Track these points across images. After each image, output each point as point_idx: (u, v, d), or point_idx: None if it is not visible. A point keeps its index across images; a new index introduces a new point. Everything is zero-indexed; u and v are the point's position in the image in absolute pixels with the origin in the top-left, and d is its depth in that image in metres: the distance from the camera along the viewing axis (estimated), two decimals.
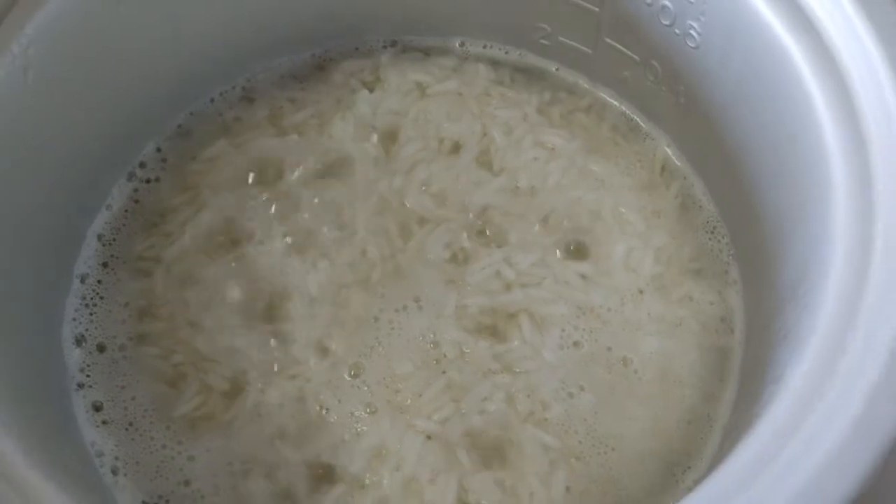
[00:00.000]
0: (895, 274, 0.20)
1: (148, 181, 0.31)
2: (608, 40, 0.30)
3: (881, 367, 0.19)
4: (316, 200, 0.30)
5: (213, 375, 0.27)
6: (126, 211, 0.30)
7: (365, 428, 0.26)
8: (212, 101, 0.32)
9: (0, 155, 0.25)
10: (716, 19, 0.26)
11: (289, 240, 0.29)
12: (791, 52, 0.23)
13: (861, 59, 0.22)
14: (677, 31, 0.27)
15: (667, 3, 0.27)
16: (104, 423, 0.27)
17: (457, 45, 0.33)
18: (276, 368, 0.27)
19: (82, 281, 0.29)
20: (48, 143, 0.27)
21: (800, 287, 0.23)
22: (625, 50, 0.29)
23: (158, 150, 0.31)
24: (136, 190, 0.30)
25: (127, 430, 0.27)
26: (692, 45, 0.27)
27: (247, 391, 0.27)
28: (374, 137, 0.31)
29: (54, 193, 0.28)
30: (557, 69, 0.32)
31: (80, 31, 0.27)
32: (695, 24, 0.26)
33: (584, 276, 0.28)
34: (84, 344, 0.28)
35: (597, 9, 0.29)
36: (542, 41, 0.31)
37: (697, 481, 0.25)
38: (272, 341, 0.28)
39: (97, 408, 0.27)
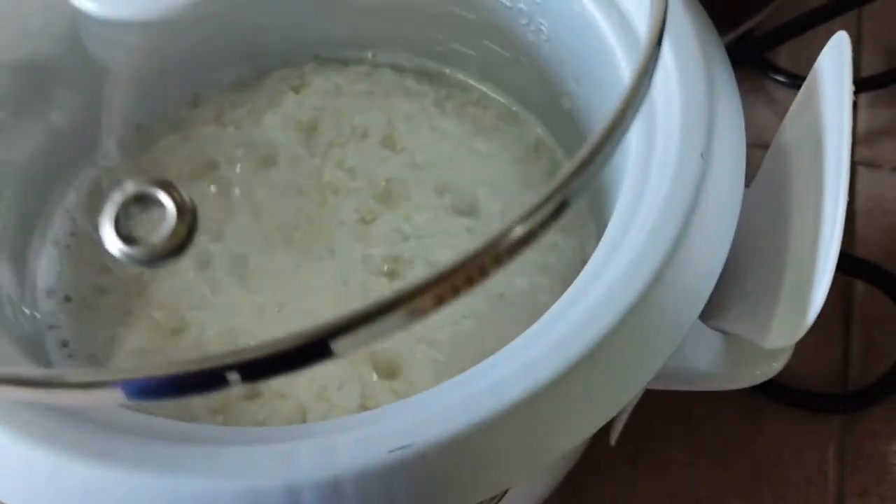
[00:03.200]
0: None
1: (109, 169, 0.37)
2: (486, 42, 0.36)
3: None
4: (249, 176, 0.36)
5: (160, 318, 0.33)
6: (90, 193, 0.36)
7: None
8: (166, 106, 0.39)
9: None
10: (557, 17, 0.32)
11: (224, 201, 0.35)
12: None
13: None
14: (532, 28, 0.34)
15: (522, 5, 0.33)
16: (69, 356, 0.33)
17: (369, 55, 0.39)
18: (213, 310, 0.33)
19: (54, 245, 0.35)
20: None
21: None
22: (499, 49, 0.36)
23: (119, 143, 0.37)
24: (98, 175, 0.37)
25: (89, 360, 0.33)
26: (545, 38, 0.33)
27: (190, 329, 0.33)
28: (298, 127, 0.37)
29: (30, 174, 0.34)
30: (450, 70, 0.39)
31: None
32: (543, 22, 0.33)
33: (468, 229, 0.34)
34: (53, 295, 0.34)
35: (473, 16, 0.35)
36: (438, 48, 0.38)
37: None
38: (207, 288, 0.34)
39: (64, 344, 0.33)
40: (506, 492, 0.28)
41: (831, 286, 0.23)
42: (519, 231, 0.17)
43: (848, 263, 0.45)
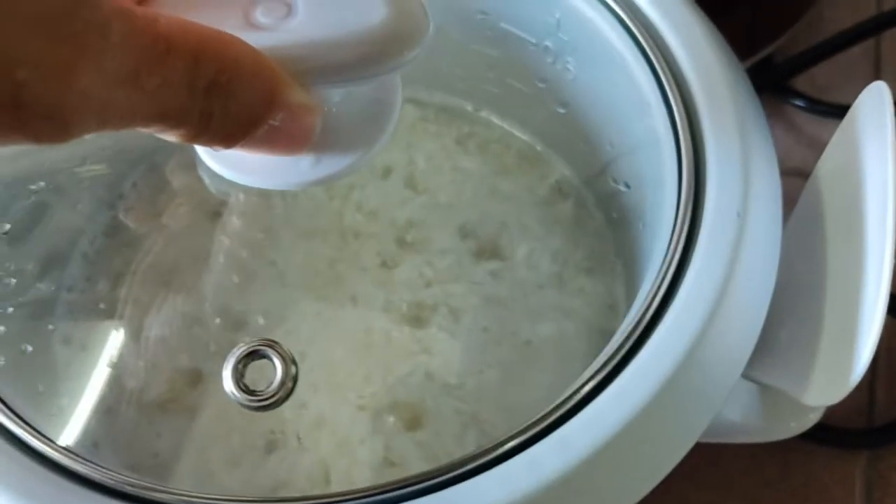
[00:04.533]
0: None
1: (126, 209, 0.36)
2: (509, 80, 0.36)
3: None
4: (272, 220, 0.35)
5: (179, 364, 0.32)
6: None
7: (307, 402, 0.31)
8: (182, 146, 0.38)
9: None
10: (585, 55, 0.32)
11: (244, 253, 0.34)
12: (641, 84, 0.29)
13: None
14: (558, 66, 0.33)
15: (548, 43, 0.33)
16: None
17: None
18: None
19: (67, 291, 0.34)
20: None
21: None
22: (522, 87, 0.35)
23: (134, 184, 0.37)
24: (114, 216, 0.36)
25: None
26: (571, 77, 0.33)
27: (207, 379, 0.32)
28: None
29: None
30: (472, 107, 0.38)
31: None
32: (571, 60, 0.32)
33: (492, 274, 0.34)
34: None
35: (496, 53, 0.35)
36: (459, 84, 0.37)
37: None
38: (225, 335, 0.33)
39: None
40: None
41: None
42: None
43: None
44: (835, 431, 0.43)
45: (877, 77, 0.54)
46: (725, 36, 0.29)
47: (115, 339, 0.33)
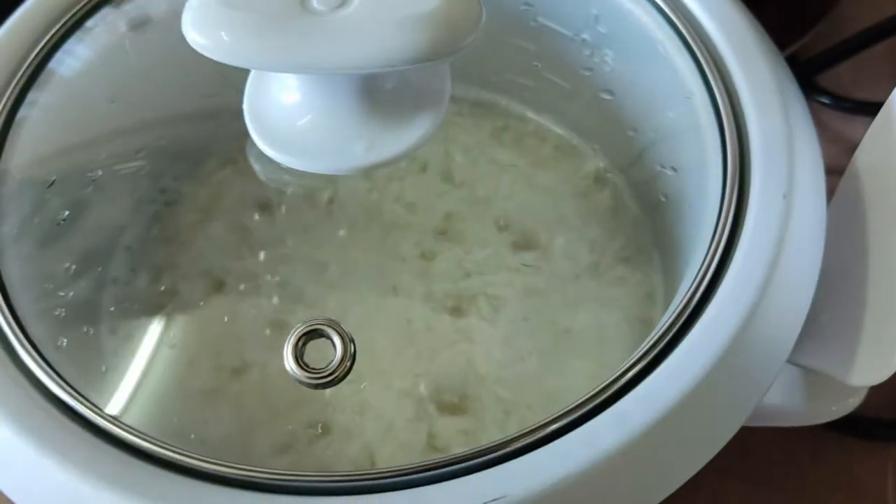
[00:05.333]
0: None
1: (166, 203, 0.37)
2: (545, 73, 0.36)
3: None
4: (314, 212, 0.36)
5: (223, 353, 0.33)
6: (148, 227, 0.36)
7: (351, 389, 0.32)
8: (224, 139, 0.38)
9: None
10: (624, 47, 0.32)
11: (287, 245, 0.35)
12: (682, 72, 0.30)
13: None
14: (596, 59, 0.33)
15: (586, 36, 0.33)
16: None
17: None
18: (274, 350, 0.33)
19: (113, 283, 0.35)
20: None
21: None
22: (559, 81, 0.36)
23: (175, 178, 0.37)
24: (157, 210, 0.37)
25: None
26: (609, 69, 0.33)
27: (251, 370, 0.33)
28: None
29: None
30: (506, 101, 0.38)
31: None
32: (609, 52, 0.33)
33: (530, 265, 0.34)
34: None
35: (533, 47, 0.35)
36: (493, 78, 0.38)
37: None
38: (268, 331, 0.33)
39: None
40: None
41: None
42: None
43: None
44: (867, 423, 0.43)
45: None
46: None
47: (158, 330, 0.33)
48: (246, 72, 0.27)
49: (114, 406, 0.30)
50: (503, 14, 0.35)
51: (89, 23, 0.32)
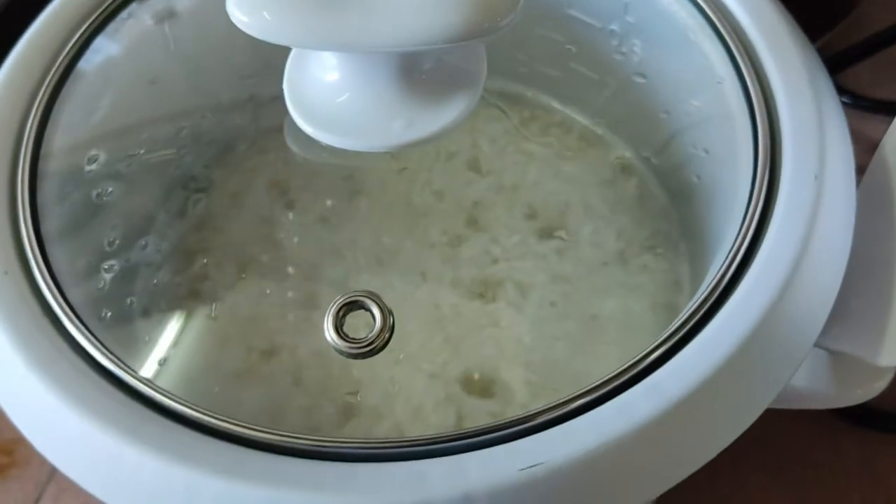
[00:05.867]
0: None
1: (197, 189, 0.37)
2: (572, 64, 0.37)
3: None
4: (343, 197, 0.36)
5: (253, 337, 0.33)
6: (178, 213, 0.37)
7: (381, 372, 0.32)
8: (254, 129, 0.39)
9: None
10: (652, 35, 0.33)
11: (317, 231, 0.35)
12: (712, 59, 0.30)
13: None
14: (624, 49, 0.34)
15: (614, 27, 0.34)
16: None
17: None
18: (305, 335, 0.33)
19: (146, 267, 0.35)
20: None
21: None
22: (585, 71, 0.36)
23: (206, 166, 0.38)
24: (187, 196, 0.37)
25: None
26: (637, 59, 0.34)
27: (281, 352, 0.33)
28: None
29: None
30: (532, 93, 0.39)
31: None
32: (637, 42, 0.33)
33: (558, 251, 0.35)
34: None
35: (560, 38, 0.36)
36: (521, 69, 0.38)
37: None
38: (297, 315, 0.34)
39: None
40: None
41: None
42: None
43: None
44: (887, 417, 0.43)
45: None
46: None
47: (190, 314, 0.34)
48: (285, 54, 0.28)
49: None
50: (531, 4, 0.35)
51: (122, 14, 0.32)
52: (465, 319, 0.33)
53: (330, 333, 0.25)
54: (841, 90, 0.53)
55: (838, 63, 0.51)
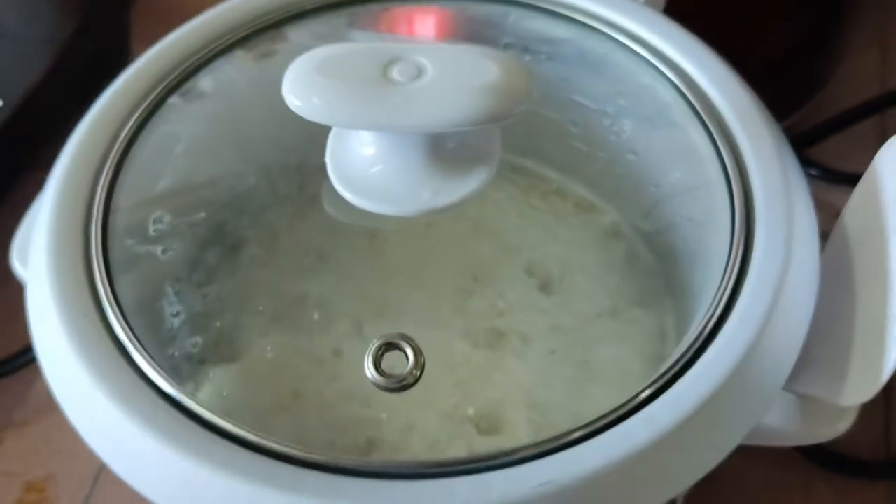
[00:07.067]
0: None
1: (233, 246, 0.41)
2: (570, 141, 0.41)
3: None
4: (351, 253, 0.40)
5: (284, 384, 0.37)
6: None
7: (399, 412, 0.36)
8: None
9: None
10: (641, 119, 0.37)
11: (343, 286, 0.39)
12: (693, 137, 0.35)
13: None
14: (615, 128, 0.38)
15: (608, 108, 0.38)
16: None
17: None
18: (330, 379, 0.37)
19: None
20: None
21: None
22: (580, 146, 0.41)
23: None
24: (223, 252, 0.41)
25: None
26: (626, 137, 0.38)
27: (307, 396, 0.37)
28: None
29: None
30: (531, 163, 0.43)
31: None
32: (627, 122, 0.38)
33: (556, 305, 0.39)
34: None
35: (557, 117, 0.40)
36: (521, 143, 0.43)
37: None
38: (322, 361, 0.38)
39: None
40: None
41: None
42: None
43: None
44: (854, 463, 0.47)
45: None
46: None
47: (222, 356, 0.38)
48: (327, 130, 0.32)
49: None
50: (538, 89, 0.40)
51: (171, 100, 0.37)
52: (475, 366, 0.37)
53: (370, 370, 0.29)
54: (810, 163, 0.57)
55: (808, 139, 0.56)
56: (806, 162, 0.57)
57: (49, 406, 0.30)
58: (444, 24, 0.43)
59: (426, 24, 0.43)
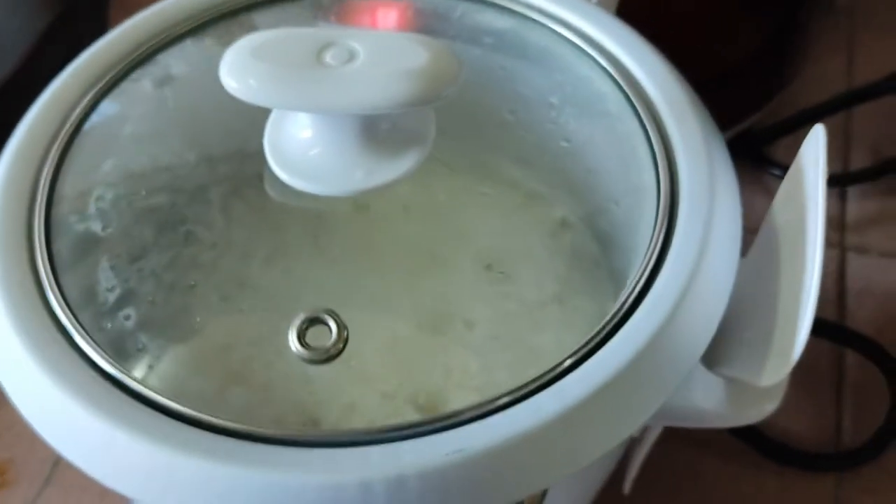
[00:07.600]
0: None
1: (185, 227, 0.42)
2: (518, 131, 0.42)
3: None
4: (310, 237, 0.41)
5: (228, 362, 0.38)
6: None
7: (341, 392, 0.37)
8: None
9: None
10: (581, 108, 0.38)
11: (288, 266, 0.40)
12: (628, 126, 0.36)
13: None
14: (560, 120, 0.39)
15: (552, 100, 0.39)
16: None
17: None
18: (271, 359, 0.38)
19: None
20: None
21: None
22: (528, 136, 0.42)
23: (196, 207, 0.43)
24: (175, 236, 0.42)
25: None
26: (570, 128, 0.39)
27: (248, 387, 0.38)
28: (354, 206, 0.43)
29: None
30: (486, 157, 0.44)
31: None
32: (570, 111, 0.39)
33: (503, 293, 0.40)
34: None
35: (509, 109, 0.41)
36: (476, 139, 0.44)
37: None
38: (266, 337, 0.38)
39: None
40: (545, 492, 0.32)
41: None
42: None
43: (840, 335, 0.50)
44: (805, 455, 0.48)
45: (847, 151, 0.61)
46: (709, 106, 0.36)
47: (163, 335, 0.38)
48: (266, 114, 0.33)
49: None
50: (483, 79, 0.41)
51: (123, 84, 0.38)
52: (417, 347, 0.38)
53: (294, 343, 0.30)
54: (773, 164, 0.58)
55: (768, 136, 0.57)
56: (769, 162, 0.58)
57: None
58: (404, 16, 0.44)
59: (387, 16, 0.44)
